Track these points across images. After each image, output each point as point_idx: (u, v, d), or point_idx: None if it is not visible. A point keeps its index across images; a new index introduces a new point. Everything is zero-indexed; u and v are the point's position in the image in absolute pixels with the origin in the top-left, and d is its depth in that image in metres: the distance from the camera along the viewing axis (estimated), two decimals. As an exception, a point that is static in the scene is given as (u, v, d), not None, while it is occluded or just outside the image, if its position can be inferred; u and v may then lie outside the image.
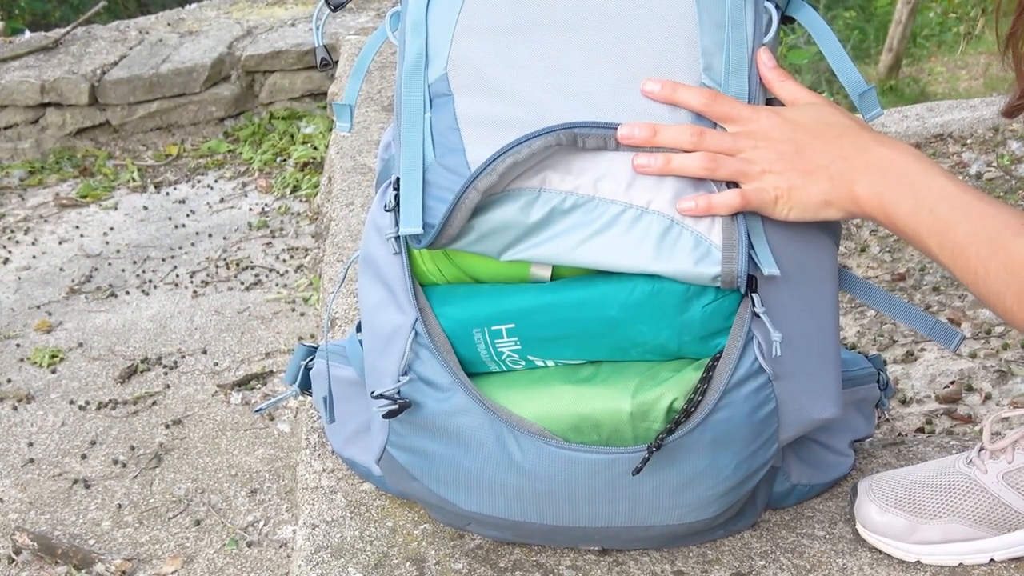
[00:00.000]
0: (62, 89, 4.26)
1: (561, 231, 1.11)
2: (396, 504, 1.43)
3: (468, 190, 1.10)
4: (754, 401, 1.18)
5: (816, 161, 1.11)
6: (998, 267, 1.03)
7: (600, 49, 1.17)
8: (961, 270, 1.06)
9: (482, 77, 1.17)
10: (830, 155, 1.11)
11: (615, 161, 1.12)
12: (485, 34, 1.19)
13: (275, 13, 4.95)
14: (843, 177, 1.11)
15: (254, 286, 3.18)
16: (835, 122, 1.14)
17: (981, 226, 1.05)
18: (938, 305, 2.21)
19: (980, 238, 1.04)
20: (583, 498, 1.20)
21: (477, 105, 1.16)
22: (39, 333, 3.02)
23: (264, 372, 2.72)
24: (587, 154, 1.12)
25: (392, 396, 1.21)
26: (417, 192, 1.16)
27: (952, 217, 1.06)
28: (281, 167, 4.02)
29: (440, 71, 1.19)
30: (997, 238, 1.03)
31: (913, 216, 1.07)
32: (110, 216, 3.76)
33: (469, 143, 1.15)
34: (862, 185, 1.10)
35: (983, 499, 1.27)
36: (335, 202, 2.59)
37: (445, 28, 1.19)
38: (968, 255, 1.05)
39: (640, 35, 1.16)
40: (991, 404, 1.84)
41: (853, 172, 1.10)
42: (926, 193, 1.07)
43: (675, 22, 1.16)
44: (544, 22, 1.18)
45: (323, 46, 1.28)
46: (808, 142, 1.12)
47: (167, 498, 2.29)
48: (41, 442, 2.51)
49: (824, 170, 1.11)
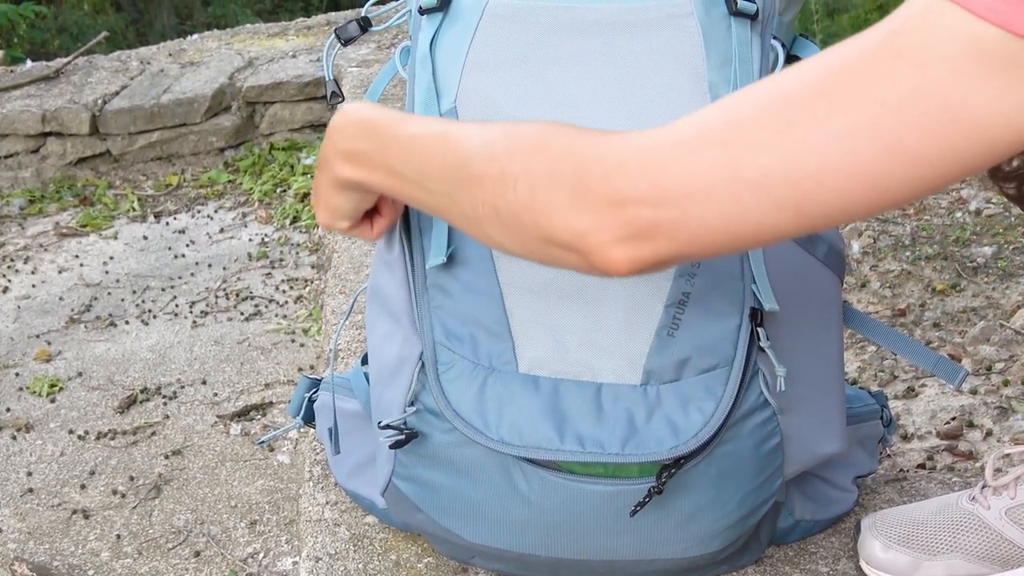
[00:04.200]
0: (63, 119, 4.27)
1: None
2: (400, 537, 1.43)
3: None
4: (759, 435, 1.19)
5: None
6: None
7: (607, 83, 1.18)
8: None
9: (491, 110, 1.19)
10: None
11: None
12: (494, 68, 1.20)
13: (276, 44, 4.97)
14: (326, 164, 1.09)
15: (254, 316, 3.18)
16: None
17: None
18: (938, 341, 2.22)
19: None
20: (588, 531, 1.20)
21: None
22: (38, 362, 3.01)
23: (264, 403, 2.71)
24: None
25: (399, 427, 1.21)
26: (442, 223, 1.17)
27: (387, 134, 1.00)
28: (281, 198, 4.03)
29: (450, 104, 1.20)
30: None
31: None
32: (110, 245, 3.76)
33: None
34: (338, 164, 1.07)
35: (986, 535, 1.27)
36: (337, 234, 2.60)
37: (455, 62, 1.21)
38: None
39: (647, 69, 1.17)
40: (992, 440, 1.84)
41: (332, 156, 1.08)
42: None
43: (682, 57, 1.17)
44: (552, 58, 1.19)
45: (334, 80, 1.29)
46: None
47: (166, 529, 2.29)
48: (40, 472, 2.51)
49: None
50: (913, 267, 2.53)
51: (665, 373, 1.16)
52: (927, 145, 0.73)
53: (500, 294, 1.18)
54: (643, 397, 1.16)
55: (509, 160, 0.85)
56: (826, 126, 0.74)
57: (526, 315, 1.18)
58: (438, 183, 0.92)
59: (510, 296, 1.18)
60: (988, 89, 0.71)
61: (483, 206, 0.87)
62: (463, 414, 1.17)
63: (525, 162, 0.84)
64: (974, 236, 2.64)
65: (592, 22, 1.19)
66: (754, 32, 1.18)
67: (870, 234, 2.70)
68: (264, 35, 5.18)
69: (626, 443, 1.14)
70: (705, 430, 1.14)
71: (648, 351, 1.16)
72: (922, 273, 2.50)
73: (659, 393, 1.16)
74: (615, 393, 1.16)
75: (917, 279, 2.48)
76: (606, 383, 1.17)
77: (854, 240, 2.67)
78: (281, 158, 4.29)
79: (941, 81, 0.71)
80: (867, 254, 2.61)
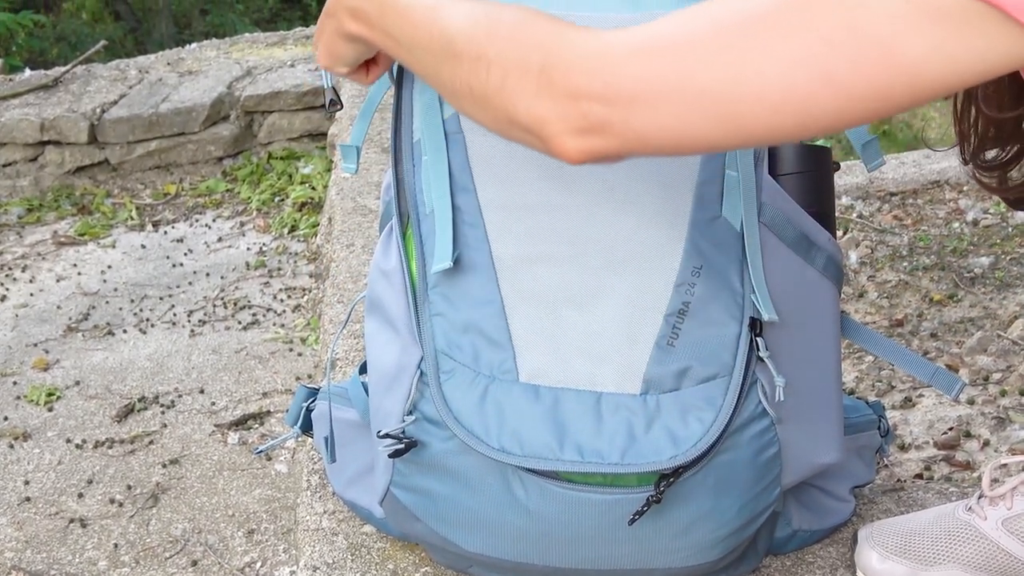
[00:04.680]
0: (61, 127, 4.27)
1: None
2: (397, 547, 1.43)
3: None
4: (758, 444, 1.19)
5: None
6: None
7: None
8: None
9: None
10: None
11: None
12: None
13: (275, 54, 4.98)
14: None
15: (252, 326, 3.18)
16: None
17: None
18: (936, 351, 2.22)
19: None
20: (586, 539, 1.20)
21: (486, 144, 1.20)
22: (36, 371, 3.01)
23: (261, 412, 2.71)
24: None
25: (398, 436, 1.21)
26: (447, 228, 1.18)
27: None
28: (279, 207, 4.03)
29: (452, 109, 1.21)
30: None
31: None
32: (108, 254, 3.77)
33: (480, 183, 1.20)
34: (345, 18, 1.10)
35: (983, 546, 1.27)
36: (335, 243, 2.60)
37: None
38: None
39: None
40: (989, 451, 1.84)
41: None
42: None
43: None
44: None
45: (332, 88, 1.29)
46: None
47: (164, 538, 2.29)
48: (37, 480, 2.51)
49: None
50: (910, 277, 2.53)
51: (665, 383, 1.16)
52: (857, 80, 0.78)
53: (501, 302, 1.18)
54: (643, 407, 1.16)
55: (488, 43, 0.91)
56: (769, 53, 0.79)
57: (527, 324, 1.18)
58: (425, 54, 0.98)
59: (511, 305, 1.18)
60: (925, 37, 0.75)
61: (461, 83, 0.93)
62: (464, 422, 1.17)
63: (500, 47, 0.90)
64: (971, 247, 2.65)
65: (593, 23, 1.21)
66: None
67: (868, 244, 2.70)
68: (263, 44, 5.19)
69: (625, 453, 1.14)
70: (704, 439, 1.14)
71: (648, 361, 1.16)
72: (919, 283, 2.51)
73: (659, 403, 1.16)
74: (615, 403, 1.16)
75: (914, 289, 2.48)
76: (606, 392, 1.17)
77: (852, 250, 2.67)
78: (279, 167, 4.30)
79: (878, 21, 0.75)
80: (865, 264, 2.62)
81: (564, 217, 1.18)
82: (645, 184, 1.17)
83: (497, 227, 1.19)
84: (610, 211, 1.17)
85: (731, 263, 1.17)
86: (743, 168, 1.18)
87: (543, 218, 1.18)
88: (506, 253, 1.19)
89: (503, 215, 1.19)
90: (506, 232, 1.19)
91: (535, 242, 1.18)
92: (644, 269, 1.17)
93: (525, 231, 1.19)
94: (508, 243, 1.19)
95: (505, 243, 1.19)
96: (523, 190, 1.19)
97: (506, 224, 1.19)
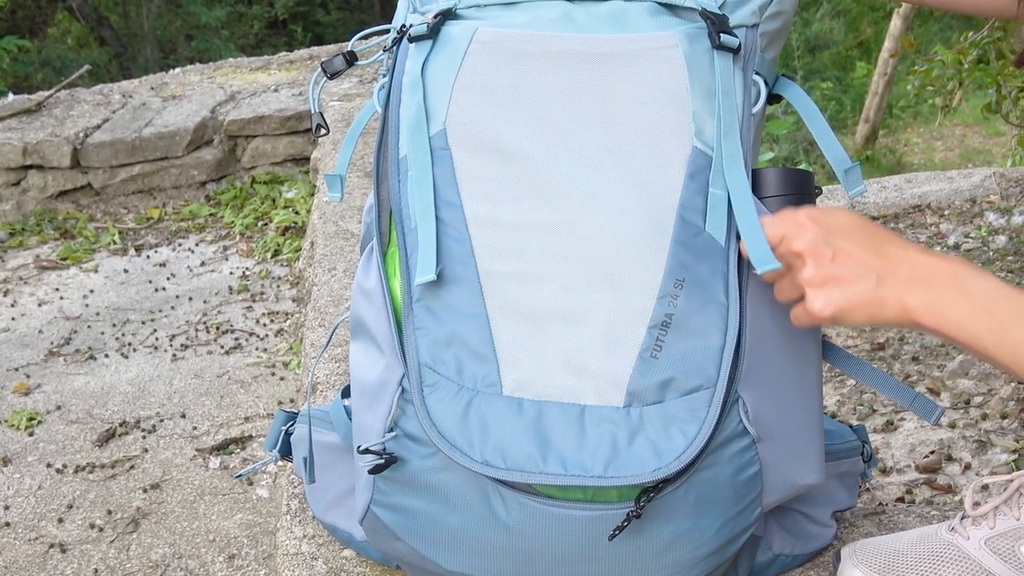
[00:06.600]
0: (44, 151, 4.26)
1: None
2: (377, 570, 1.42)
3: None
4: (738, 462, 1.19)
5: (859, 271, 1.11)
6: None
7: (592, 109, 1.21)
8: (1022, 366, 1.06)
9: (478, 134, 1.22)
10: (874, 265, 1.11)
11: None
12: (482, 93, 1.23)
13: (258, 78, 4.98)
14: (890, 289, 1.10)
15: (234, 350, 3.17)
16: (871, 231, 1.13)
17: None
18: (917, 375, 2.23)
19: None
20: (566, 557, 1.20)
21: (473, 160, 1.21)
22: (17, 395, 3.00)
23: (243, 436, 2.70)
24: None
25: (378, 451, 1.21)
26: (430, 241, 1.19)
27: (1009, 317, 1.06)
28: (262, 231, 4.03)
29: (439, 126, 1.23)
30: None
31: (971, 321, 1.07)
32: (90, 279, 3.75)
33: (466, 198, 1.21)
34: (912, 296, 1.09)
35: (966, 565, 1.28)
36: (317, 267, 2.60)
37: (443, 87, 1.24)
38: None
39: (632, 98, 1.20)
40: (971, 474, 1.85)
41: (900, 283, 1.10)
42: (981, 297, 1.07)
43: (666, 87, 1.20)
44: (539, 86, 1.22)
45: (319, 112, 1.30)
46: (850, 251, 1.12)
47: (144, 563, 2.27)
48: (17, 505, 2.49)
49: (869, 280, 1.11)
50: (892, 301, 2.53)
51: (648, 395, 1.16)
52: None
53: (486, 315, 1.19)
54: (626, 419, 1.16)
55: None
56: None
57: (511, 337, 1.18)
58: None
59: (495, 318, 1.19)
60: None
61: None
62: (447, 436, 1.17)
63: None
64: (953, 270, 2.65)
65: (578, 52, 1.22)
66: (736, 66, 1.21)
67: (850, 268, 2.70)
68: (247, 69, 5.19)
69: (609, 465, 1.14)
70: (688, 452, 1.14)
71: (631, 373, 1.16)
72: (901, 307, 2.51)
73: (642, 415, 1.16)
74: (598, 415, 1.16)
75: (896, 313, 2.48)
76: (589, 405, 1.17)
77: (834, 274, 2.67)
78: (263, 191, 4.29)
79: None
80: (847, 288, 2.62)
81: (550, 235, 1.19)
82: (629, 201, 1.17)
83: (483, 242, 1.20)
84: (594, 228, 1.18)
85: (715, 276, 1.18)
86: (732, 186, 1.18)
87: (529, 235, 1.19)
88: (492, 268, 1.19)
89: (489, 231, 1.20)
90: (492, 247, 1.19)
91: (521, 259, 1.19)
92: (627, 282, 1.17)
93: (511, 248, 1.19)
94: (494, 258, 1.19)
95: (491, 258, 1.19)
96: (510, 208, 1.20)
97: (492, 240, 1.20)
